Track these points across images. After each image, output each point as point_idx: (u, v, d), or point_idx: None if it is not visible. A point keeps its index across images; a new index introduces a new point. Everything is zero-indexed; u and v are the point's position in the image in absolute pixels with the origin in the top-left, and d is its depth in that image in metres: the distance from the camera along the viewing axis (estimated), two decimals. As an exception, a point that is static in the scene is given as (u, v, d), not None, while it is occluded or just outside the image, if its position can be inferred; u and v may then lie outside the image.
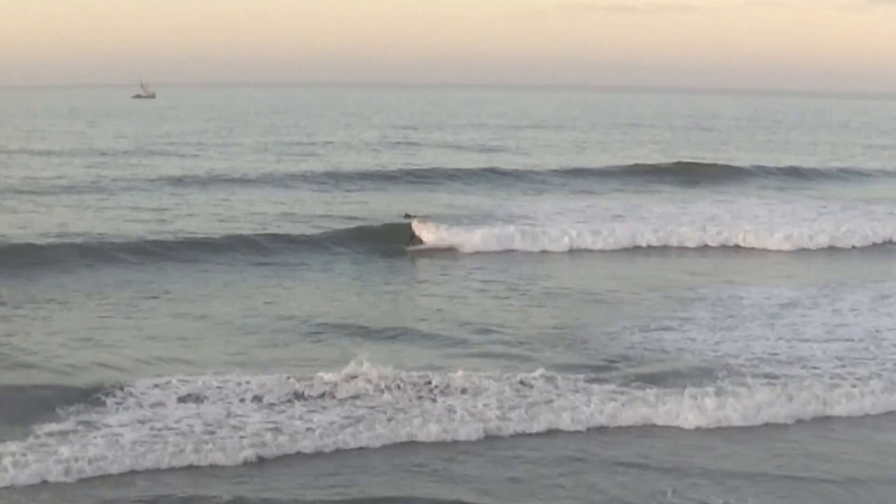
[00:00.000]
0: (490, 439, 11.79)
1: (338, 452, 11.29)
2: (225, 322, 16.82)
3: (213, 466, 10.81)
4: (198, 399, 12.43)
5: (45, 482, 10.28)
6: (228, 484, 10.41)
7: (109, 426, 11.56)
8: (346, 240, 24.51)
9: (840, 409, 13.07)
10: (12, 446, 10.78)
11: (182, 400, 12.39)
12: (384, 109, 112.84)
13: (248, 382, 12.89)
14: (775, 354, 15.31)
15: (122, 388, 12.61)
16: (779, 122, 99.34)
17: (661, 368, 14.44)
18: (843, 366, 14.80)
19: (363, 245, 24.23)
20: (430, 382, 13.02)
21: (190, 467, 10.76)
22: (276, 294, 19.29)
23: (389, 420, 11.95)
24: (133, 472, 10.56)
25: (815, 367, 14.63)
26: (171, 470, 10.68)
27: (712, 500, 10.24)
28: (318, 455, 11.21)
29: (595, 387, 13.29)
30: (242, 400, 12.44)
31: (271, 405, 12.37)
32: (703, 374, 14.09)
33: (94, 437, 11.20)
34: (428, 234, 25.01)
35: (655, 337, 16.31)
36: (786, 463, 11.46)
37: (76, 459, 10.58)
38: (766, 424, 12.61)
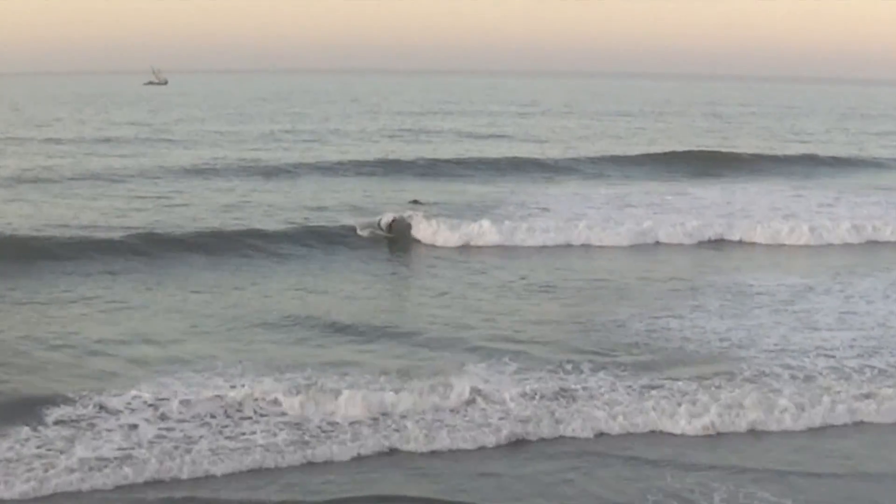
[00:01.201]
0: (492, 442, 11.59)
1: (352, 457, 11.10)
2: (234, 317, 16.55)
3: (223, 468, 10.63)
4: (203, 399, 12.18)
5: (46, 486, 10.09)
6: (238, 485, 10.30)
7: (118, 420, 11.46)
8: (354, 231, 24.30)
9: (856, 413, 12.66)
10: (17, 446, 10.69)
11: (186, 399, 12.14)
12: (393, 96, 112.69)
13: (261, 381, 12.67)
14: (788, 344, 15.15)
15: (127, 386, 12.44)
16: (790, 108, 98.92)
17: (668, 363, 14.26)
18: (859, 355, 14.65)
19: (370, 237, 24.06)
20: (433, 387, 12.76)
21: (196, 468, 10.58)
22: (281, 290, 19.04)
23: (394, 423, 11.79)
24: (139, 474, 10.38)
25: (830, 358, 14.47)
26: (178, 470, 10.51)
27: (713, 488, 10.14)
28: (326, 458, 11.04)
29: (603, 385, 13.14)
30: (255, 400, 12.19)
31: (281, 405, 12.16)
32: (711, 369, 13.92)
33: (102, 436, 11.07)
34: (426, 229, 24.55)
35: (663, 325, 16.19)
36: (797, 460, 11.28)
37: (84, 461, 10.41)
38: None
